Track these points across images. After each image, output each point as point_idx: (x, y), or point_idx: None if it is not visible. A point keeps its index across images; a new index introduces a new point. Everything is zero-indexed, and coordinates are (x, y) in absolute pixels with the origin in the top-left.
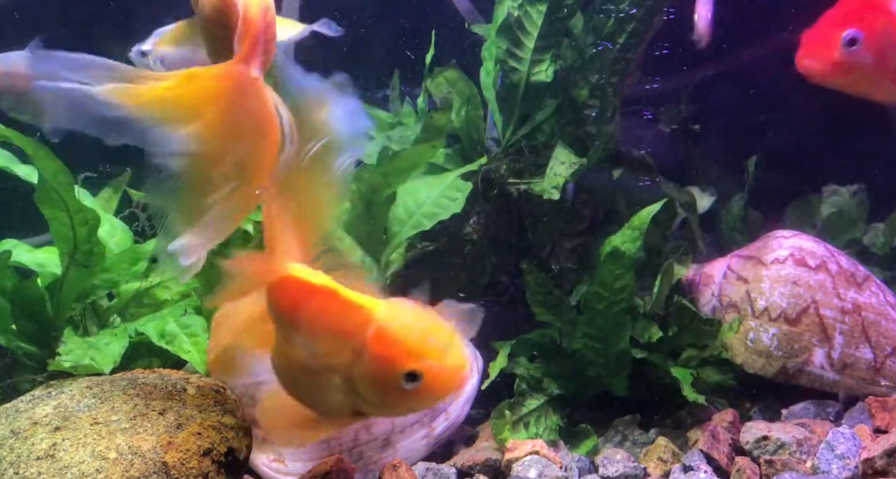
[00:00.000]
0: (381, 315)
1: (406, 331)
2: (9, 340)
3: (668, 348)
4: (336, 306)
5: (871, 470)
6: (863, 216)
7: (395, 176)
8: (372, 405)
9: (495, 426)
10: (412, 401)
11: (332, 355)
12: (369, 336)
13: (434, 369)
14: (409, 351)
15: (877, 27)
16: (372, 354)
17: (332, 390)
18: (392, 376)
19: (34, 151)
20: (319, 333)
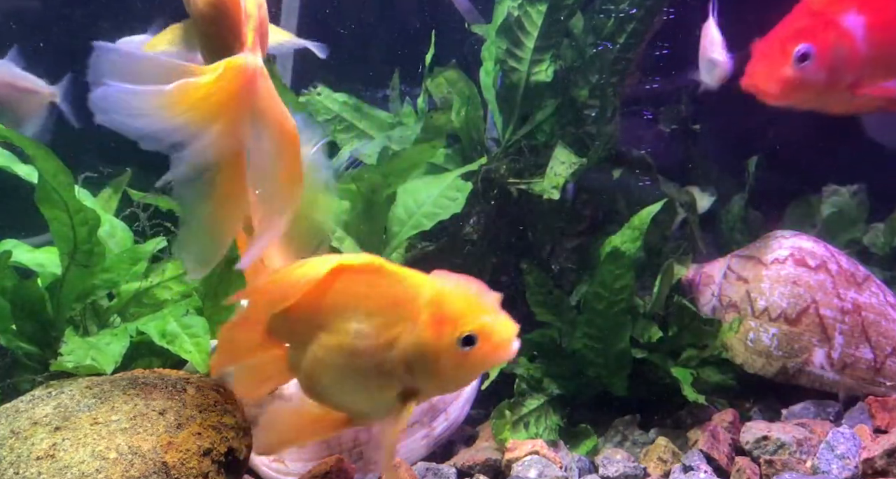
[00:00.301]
0: (433, 283)
1: (460, 296)
2: (9, 340)
3: (668, 348)
4: (387, 279)
5: (871, 470)
6: (863, 216)
7: (395, 176)
8: (425, 376)
9: (495, 426)
10: (467, 366)
11: (386, 329)
12: (424, 302)
13: (488, 331)
14: (464, 314)
15: (828, 42)
16: (427, 319)
17: (380, 378)
18: (449, 339)
19: (34, 151)
20: (374, 308)
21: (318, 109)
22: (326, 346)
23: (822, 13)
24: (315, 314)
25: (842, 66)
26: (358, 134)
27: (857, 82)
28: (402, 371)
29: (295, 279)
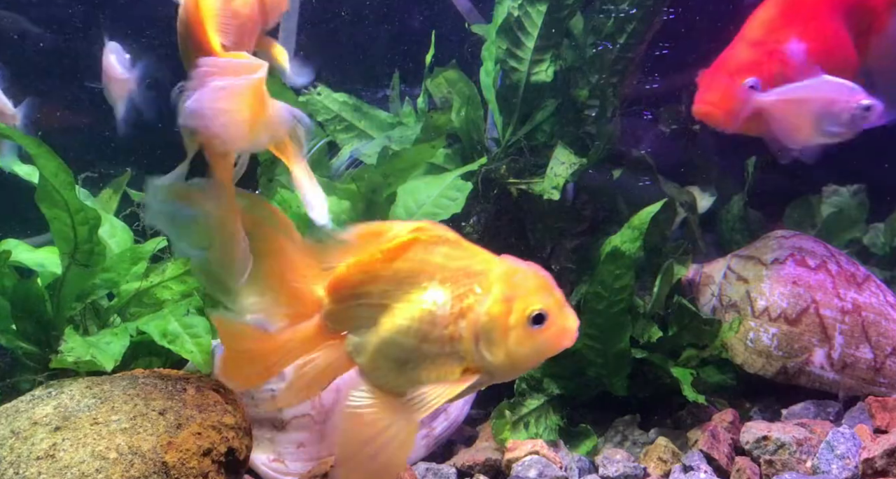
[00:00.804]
0: (505, 261)
1: (533, 275)
2: (9, 340)
3: (668, 348)
4: (461, 251)
5: (871, 470)
6: (863, 216)
7: (395, 176)
8: (491, 351)
9: (495, 426)
10: (532, 345)
11: (459, 300)
12: (497, 276)
13: (558, 313)
14: (536, 292)
15: (774, 72)
16: (500, 293)
17: (449, 352)
18: (519, 315)
19: (35, 151)
20: (448, 277)
21: (318, 108)
22: (396, 321)
23: (765, 43)
24: (389, 283)
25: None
26: (358, 134)
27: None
28: (471, 345)
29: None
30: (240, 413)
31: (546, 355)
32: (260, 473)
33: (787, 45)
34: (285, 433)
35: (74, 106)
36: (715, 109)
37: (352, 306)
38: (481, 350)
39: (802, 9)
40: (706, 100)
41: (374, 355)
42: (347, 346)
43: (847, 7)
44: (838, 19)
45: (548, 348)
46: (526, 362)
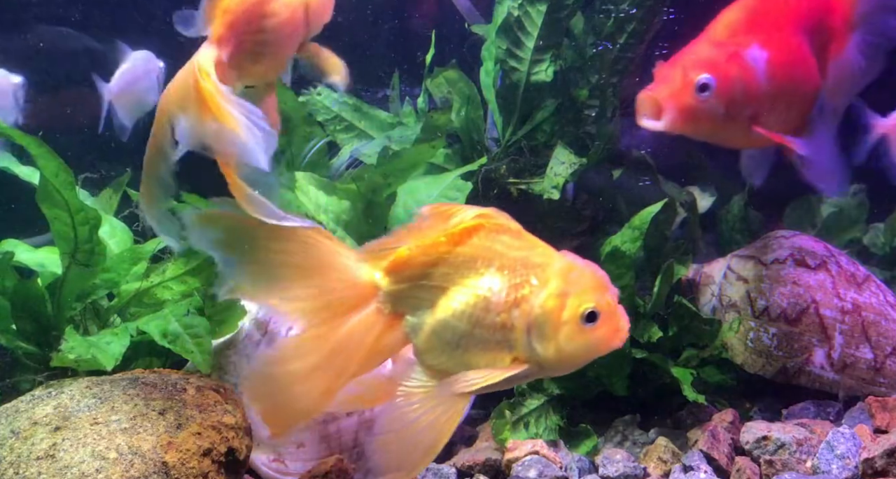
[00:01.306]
0: (565, 256)
1: (590, 274)
2: (9, 340)
3: (668, 348)
4: (522, 242)
5: (871, 470)
6: (863, 216)
7: (395, 176)
8: (542, 344)
9: (495, 426)
10: (582, 343)
11: (516, 289)
12: (555, 271)
13: (611, 313)
14: (592, 291)
15: (729, 74)
16: (556, 288)
17: (500, 340)
18: (573, 311)
19: (36, 151)
20: (507, 266)
21: (318, 109)
22: (452, 304)
23: (726, 45)
24: (449, 266)
25: (741, 99)
26: (358, 134)
27: (755, 117)
28: (522, 335)
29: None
30: (240, 413)
31: (595, 354)
32: (260, 473)
33: (748, 49)
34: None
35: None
36: (661, 100)
37: (412, 287)
38: (532, 342)
39: (768, 19)
40: (654, 90)
41: (428, 336)
42: (405, 326)
43: (810, 25)
44: (802, 36)
45: (597, 347)
46: (574, 359)
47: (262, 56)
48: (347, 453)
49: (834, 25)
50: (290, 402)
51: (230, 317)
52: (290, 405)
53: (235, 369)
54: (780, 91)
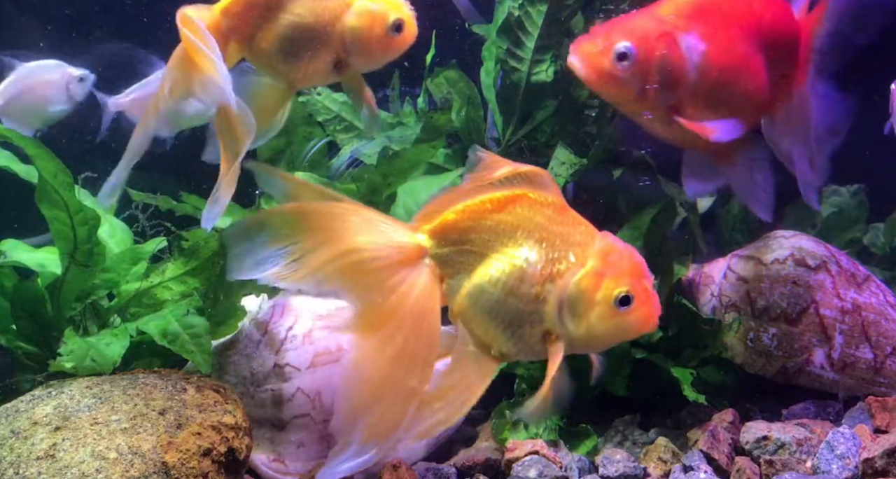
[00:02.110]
0: (606, 237)
1: (629, 257)
2: (9, 340)
3: (668, 348)
4: (565, 217)
5: (871, 470)
6: (863, 216)
7: (395, 176)
8: (573, 322)
9: (495, 426)
10: (613, 325)
11: (552, 263)
12: (594, 250)
13: (645, 298)
14: (628, 274)
15: (654, 52)
16: (593, 267)
17: (532, 313)
18: (606, 293)
19: (34, 151)
20: (547, 239)
21: (318, 108)
22: (489, 271)
23: (664, 23)
24: (491, 232)
25: (662, 82)
26: (358, 134)
27: (678, 109)
28: (555, 310)
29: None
30: (240, 413)
31: (625, 337)
32: (260, 473)
33: (685, 35)
34: (285, 433)
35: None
36: (582, 60)
37: (455, 251)
38: (563, 318)
39: (719, 15)
40: (579, 49)
41: (464, 300)
42: (444, 287)
43: (766, 41)
44: (753, 47)
45: (628, 331)
46: (603, 340)
47: (279, 51)
48: None
49: (795, 55)
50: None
51: (230, 317)
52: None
53: (235, 370)
54: (711, 90)
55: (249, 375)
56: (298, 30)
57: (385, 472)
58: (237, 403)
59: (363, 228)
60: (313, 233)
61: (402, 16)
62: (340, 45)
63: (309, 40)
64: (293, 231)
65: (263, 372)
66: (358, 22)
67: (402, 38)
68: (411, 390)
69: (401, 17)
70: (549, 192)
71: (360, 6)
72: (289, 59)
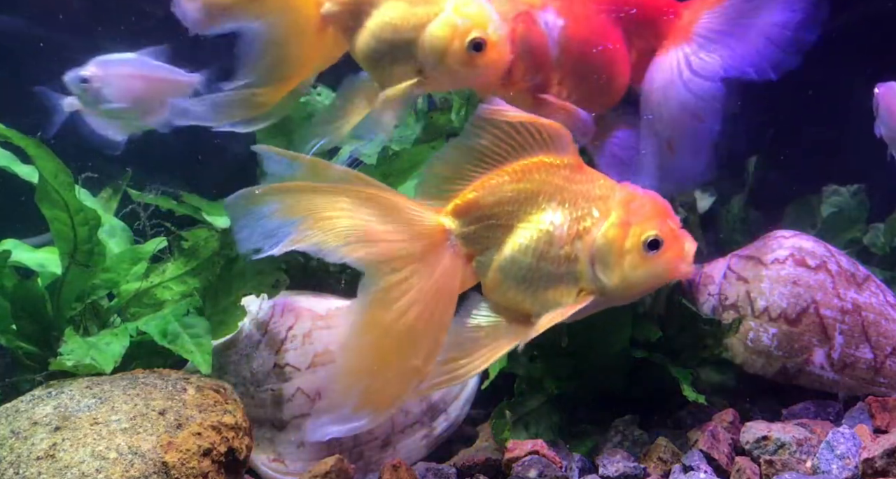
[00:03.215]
0: (626, 187)
1: (652, 202)
2: (9, 340)
3: (668, 348)
4: (583, 176)
5: (871, 470)
6: (863, 216)
7: (395, 176)
8: (606, 274)
9: (495, 426)
10: (647, 271)
11: (577, 222)
12: (616, 201)
13: (674, 240)
14: (654, 218)
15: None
16: (618, 217)
17: (566, 273)
18: (635, 240)
19: (35, 151)
20: (568, 199)
21: (318, 109)
22: (517, 240)
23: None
24: (513, 203)
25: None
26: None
27: (544, 88)
28: (587, 266)
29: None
30: (240, 413)
31: (661, 282)
32: (260, 473)
33: (542, 12)
34: (285, 433)
35: None
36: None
37: (480, 227)
38: (596, 273)
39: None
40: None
41: (496, 273)
42: (474, 265)
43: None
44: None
45: (663, 274)
46: (639, 287)
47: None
48: (347, 453)
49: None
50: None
51: (230, 317)
52: (399, 371)
53: (235, 369)
54: (574, 64)
55: (249, 375)
56: (386, 32)
57: (385, 472)
58: (237, 403)
59: (386, 211)
60: (331, 209)
61: (485, 35)
62: (420, 55)
63: (394, 44)
64: (308, 205)
65: (263, 372)
66: (438, 33)
67: (484, 58)
68: (414, 369)
69: (481, 37)
70: (566, 151)
71: (444, 18)
72: (376, 59)
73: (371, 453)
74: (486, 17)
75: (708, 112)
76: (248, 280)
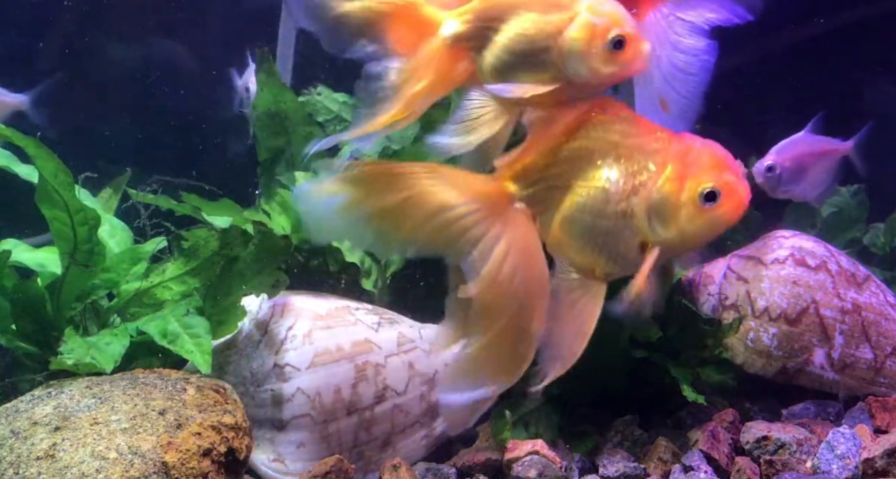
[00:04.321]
0: (681, 139)
1: (708, 153)
2: (9, 340)
3: (668, 348)
4: (637, 129)
5: (872, 470)
6: (863, 216)
7: None
8: (664, 228)
9: (495, 426)
10: (704, 223)
11: (633, 176)
12: (671, 154)
13: (731, 190)
14: (710, 170)
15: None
16: (673, 171)
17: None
18: (691, 193)
19: (35, 151)
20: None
21: (318, 109)
22: (575, 199)
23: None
24: (569, 162)
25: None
26: None
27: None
28: (644, 221)
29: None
30: (240, 413)
31: (718, 232)
32: (260, 473)
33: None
34: (285, 433)
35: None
36: None
37: (539, 189)
38: (654, 227)
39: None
40: None
41: (557, 233)
42: (537, 225)
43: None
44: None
45: (718, 225)
46: (697, 239)
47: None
48: (347, 453)
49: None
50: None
51: (230, 317)
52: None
53: (235, 370)
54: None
55: (249, 375)
56: (521, 43)
57: (385, 472)
58: (237, 403)
59: (448, 185)
60: (397, 194)
61: (625, 32)
62: (560, 62)
63: (529, 55)
64: (373, 194)
65: (263, 372)
66: (578, 36)
67: (625, 55)
68: (531, 333)
69: (621, 33)
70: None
71: (582, 20)
72: (507, 73)
73: (371, 453)
74: (622, 14)
75: (700, 67)
76: (248, 280)
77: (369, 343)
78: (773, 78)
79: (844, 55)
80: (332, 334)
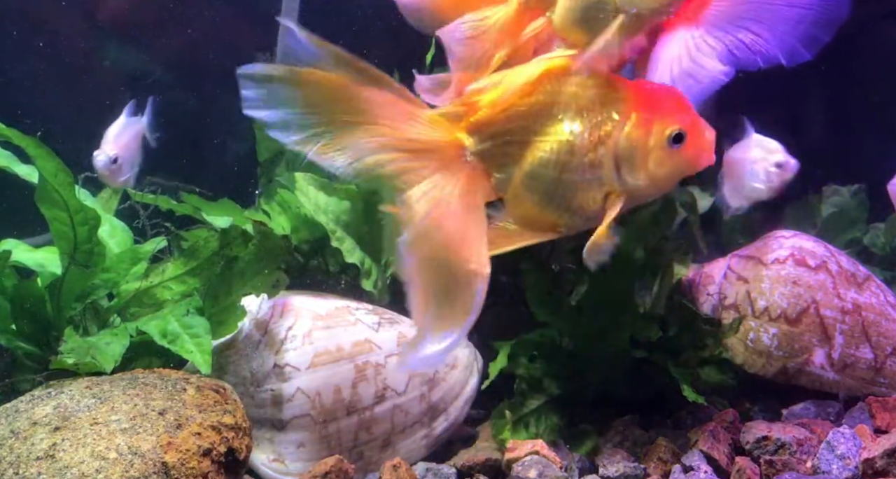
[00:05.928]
0: (642, 85)
1: (670, 96)
2: (9, 340)
3: (668, 348)
4: (596, 79)
5: (872, 470)
6: (863, 216)
7: None
8: (632, 175)
9: (495, 426)
10: (673, 165)
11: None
12: (634, 101)
13: (698, 131)
14: (675, 112)
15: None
16: (638, 117)
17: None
18: (658, 136)
19: (35, 151)
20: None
21: None
22: (537, 154)
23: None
24: (527, 118)
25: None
26: None
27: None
28: (611, 170)
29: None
30: (240, 413)
31: (685, 174)
32: (260, 473)
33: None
34: (285, 433)
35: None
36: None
37: (496, 144)
38: (623, 175)
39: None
40: None
41: (517, 189)
42: (493, 182)
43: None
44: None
45: (688, 167)
46: (667, 182)
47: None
48: (347, 453)
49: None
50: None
51: (230, 317)
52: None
53: (235, 370)
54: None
55: (249, 375)
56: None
57: (385, 472)
58: (237, 403)
59: (405, 120)
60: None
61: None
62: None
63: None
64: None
65: (263, 372)
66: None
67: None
68: (473, 273)
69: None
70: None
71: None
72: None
73: (371, 453)
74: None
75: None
76: (248, 280)
77: (369, 343)
78: None
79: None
80: (332, 334)
